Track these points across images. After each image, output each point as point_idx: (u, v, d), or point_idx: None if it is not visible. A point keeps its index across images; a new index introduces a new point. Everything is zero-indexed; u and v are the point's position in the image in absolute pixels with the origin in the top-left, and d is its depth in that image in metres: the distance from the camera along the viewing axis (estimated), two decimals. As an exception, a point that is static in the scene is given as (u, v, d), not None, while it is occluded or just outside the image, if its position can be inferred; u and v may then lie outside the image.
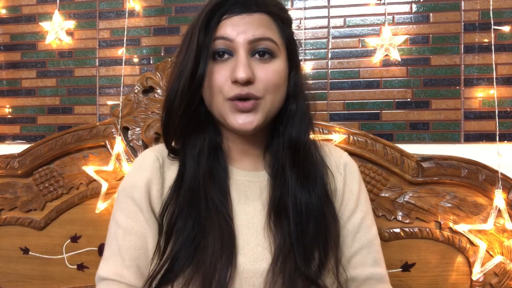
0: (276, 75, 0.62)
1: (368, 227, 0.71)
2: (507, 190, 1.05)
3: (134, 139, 1.23)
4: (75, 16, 1.37)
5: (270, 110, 0.63)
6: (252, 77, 0.60)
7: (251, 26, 0.61)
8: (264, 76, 0.61)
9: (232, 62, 0.61)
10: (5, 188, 1.28)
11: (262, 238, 0.63)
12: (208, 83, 0.63)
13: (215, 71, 0.62)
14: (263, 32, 0.61)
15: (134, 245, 0.63)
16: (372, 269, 0.69)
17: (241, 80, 0.59)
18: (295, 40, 0.69)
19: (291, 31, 0.68)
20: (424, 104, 1.19)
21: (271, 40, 0.62)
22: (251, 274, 0.60)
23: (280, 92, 0.64)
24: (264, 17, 0.63)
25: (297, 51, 0.69)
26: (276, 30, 0.64)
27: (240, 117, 0.61)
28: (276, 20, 0.65)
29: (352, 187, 0.72)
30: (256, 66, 0.61)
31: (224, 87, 0.61)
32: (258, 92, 0.61)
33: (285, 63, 0.65)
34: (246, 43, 0.61)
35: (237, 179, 0.68)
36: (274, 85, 0.62)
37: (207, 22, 0.61)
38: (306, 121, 0.67)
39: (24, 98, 1.38)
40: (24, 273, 1.27)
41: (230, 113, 0.62)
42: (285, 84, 0.65)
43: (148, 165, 0.68)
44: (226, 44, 0.61)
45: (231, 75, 0.60)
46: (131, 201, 0.65)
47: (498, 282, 1.07)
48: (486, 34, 1.16)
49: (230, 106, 0.62)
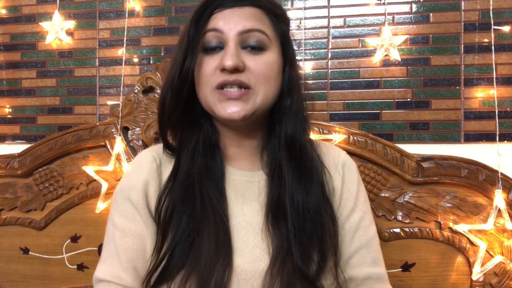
0: (267, 66, 0.62)
1: (367, 227, 0.70)
2: (507, 190, 1.05)
3: (134, 139, 1.23)
4: (75, 16, 1.37)
5: (262, 103, 0.63)
6: (240, 65, 0.60)
7: (242, 18, 0.62)
8: (255, 65, 0.61)
9: (222, 53, 0.62)
10: (5, 188, 1.28)
11: (260, 239, 0.63)
12: (198, 75, 0.63)
13: (205, 62, 0.63)
14: (253, 24, 0.62)
15: (132, 247, 0.63)
16: (371, 269, 0.68)
17: (229, 67, 0.59)
18: (291, 37, 0.69)
19: (287, 28, 0.69)
20: (424, 104, 1.19)
21: (261, 32, 0.62)
22: (249, 275, 0.60)
23: (272, 85, 0.64)
24: (255, 10, 0.63)
25: (292, 47, 0.69)
26: (268, 23, 0.65)
27: (227, 105, 0.61)
28: (268, 14, 0.65)
29: (351, 186, 0.71)
30: (247, 57, 0.62)
31: (213, 76, 0.62)
32: (248, 80, 0.61)
33: (277, 56, 0.65)
34: (236, 34, 0.61)
35: (234, 178, 0.68)
36: (264, 76, 0.62)
37: (198, 16, 0.62)
38: (301, 117, 0.67)
39: (24, 98, 1.38)
40: (24, 273, 1.27)
41: (218, 102, 0.62)
42: (278, 77, 0.65)
43: (145, 166, 0.67)
44: (217, 36, 0.62)
45: (219, 63, 0.61)
46: (128, 202, 0.65)
47: (498, 282, 1.07)
48: (486, 34, 1.16)
49: (218, 95, 0.62)
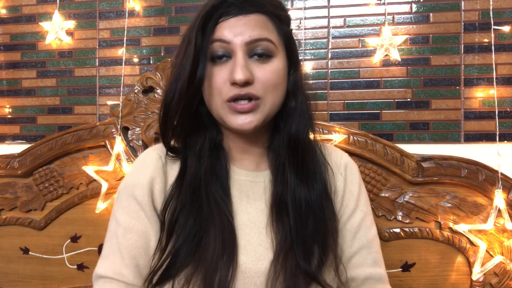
0: (275, 74, 0.63)
1: (367, 228, 0.71)
2: (507, 190, 1.05)
3: (134, 139, 1.23)
4: (75, 16, 1.36)
5: (270, 110, 0.64)
6: (250, 78, 0.60)
7: (248, 27, 0.61)
8: (263, 76, 0.62)
9: (230, 64, 0.62)
10: (5, 188, 1.28)
11: (264, 237, 0.63)
12: (207, 85, 0.63)
13: (214, 74, 0.62)
14: (260, 33, 0.62)
15: (134, 244, 0.63)
16: (372, 269, 0.69)
17: (239, 82, 0.59)
18: (294, 38, 0.69)
19: (289, 29, 0.69)
20: (424, 104, 1.19)
21: (268, 40, 0.62)
22: (253, 273, 0.60)
23: (280, 91, 0.64)
24: (260, 17, 0.63)
25: (296, 48, 0.69)
26: (273, 29, 0.64)
27: (239, 117, 0.62)
28: (273, 19, 0.65)
29: (352, 187, 0.72)
30: (255, 66, 0.62)
31: (223, 89, 0.62)
32: (257, 92, 0.61)
33: (284, 61, 0.65)
34: (244, 44, 0.61)
35: (238, 178, 0.69)
36: (273, 85, 0.62)
37: (204, 25, 0.61)
38: (305, 117, 0.67)
39: (24, 98, 1.38)
40: (24, 273, 1.27)
41: (229, 114, 0.63)
42: (285, 82, 0.66)
43: (151, 163, 0.68)
44: (224, 47, 0.62)
45: (230, 77, 0.61)
46: (132, 199, 0.65)
47: (498, 282, 1.07)
48: (486, 34, 1.16)
49: (229, 108, 0.62)
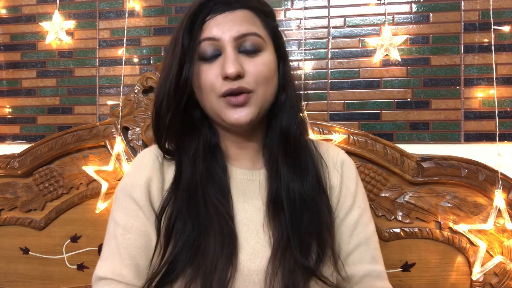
0: (265, 67, 0.64)
1: (365, 224, 0.71)
2: (507, 190, 1.05)
3: (134, 139, 1.23)
4: (75, 16, 1.36)
5: (263, 103, 0.64)
6: (241, 71, 0.61)
7: (235, 23, 0.62)
8: (254, 69, 0.62)
9: (220, 60, 0.62)
10: (5, 188, 1.28)
11: (262, 235, 0.63)
12: (198, 84, 0.64)
13: (204, 71, 0.63)
14: (248, 28, 0.63)
15: (134, 243, 0.63)
16: (370, 266, 0.69)
17: (231, 75, 0.60)
18: (280, 32, 0.70)
19: (275, 23, 0.70)
20: (424, 104, 1.19)
21: (256, 35, 0.63)
22: (251, 271, 0.60)
23: (271, 84, 0.65)
24: (246, 13, 0.64)
25: (284, 42, 0.70)
26: (260, 24, 0.66)
27: (234, 112, 0.63)
28: (259, 14, 0.66)
29: (349, 184, 0.72)
30: (245, 61, 0.63)
31: (216, 84, 0.62)
32: (249, 85, 0.62)
33: (272, 55, 0.66)
34: (232, 40, 0.62)
35: (236, 177, 0.69)
36: (264, 77, 0.63)
37: (191, 24, 0.62)
38: (295, 110, 0.68)
39: (24, 98, 1.38)
40: (24, 273, 1.27)
41: (224, 109, 0.63)
42: (275, 76, 0.67)
43: (148, 164, 0.68)
44: (213, 44, 0.62)
45: (221, 71, 0.61)
46: (130, 199, 0.65)
47: (498, 282, 1.07)
48: (486, 34, 1.16)
49: (224, 103, 0.63)
